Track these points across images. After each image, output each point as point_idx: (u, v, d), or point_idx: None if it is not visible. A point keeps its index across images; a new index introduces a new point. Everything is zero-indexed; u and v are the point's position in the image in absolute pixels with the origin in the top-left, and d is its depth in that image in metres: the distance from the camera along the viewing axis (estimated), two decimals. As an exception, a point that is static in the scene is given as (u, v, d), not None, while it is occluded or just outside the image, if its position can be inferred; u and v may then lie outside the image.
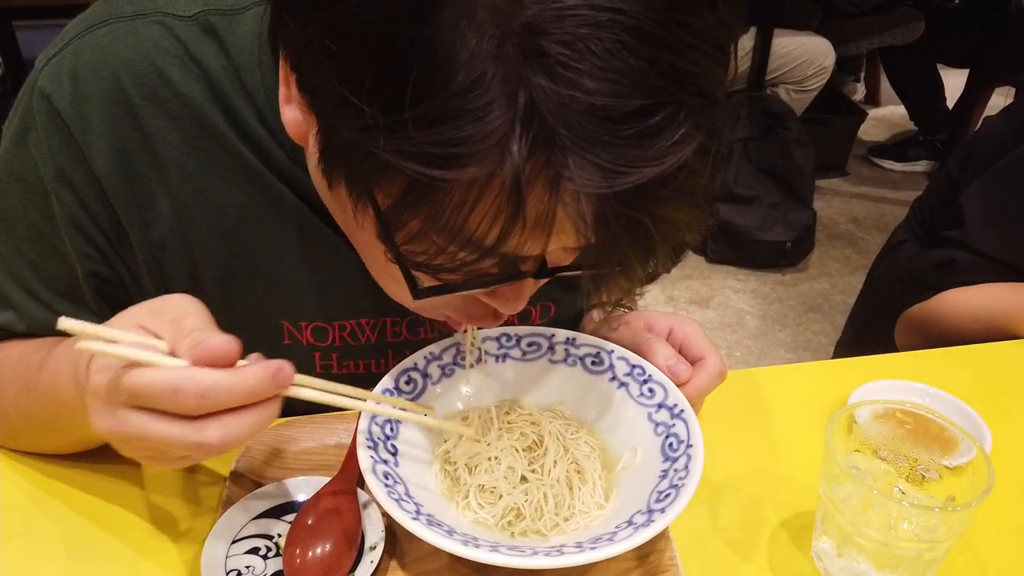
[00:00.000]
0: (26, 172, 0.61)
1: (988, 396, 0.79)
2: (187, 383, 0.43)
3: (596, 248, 0.43)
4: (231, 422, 0.44)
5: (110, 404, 0.45)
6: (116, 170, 0.59)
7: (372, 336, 0.72)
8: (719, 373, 0.68)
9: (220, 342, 0.44)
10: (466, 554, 0.50)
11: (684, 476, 0.57)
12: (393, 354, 0.73)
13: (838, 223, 3.09)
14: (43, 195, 0.61)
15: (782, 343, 2.41)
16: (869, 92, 4.16)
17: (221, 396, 0.43)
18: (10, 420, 0.65)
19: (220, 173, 0.62)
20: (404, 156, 0.39)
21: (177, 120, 0.59)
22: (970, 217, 1.09)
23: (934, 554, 0.57)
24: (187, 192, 0.62)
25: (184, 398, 0.43)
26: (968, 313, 1.05)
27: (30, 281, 0.64)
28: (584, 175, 0.38)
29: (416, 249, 0.44)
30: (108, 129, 0.58)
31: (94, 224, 0.61)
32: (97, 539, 0.62)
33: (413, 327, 0.73)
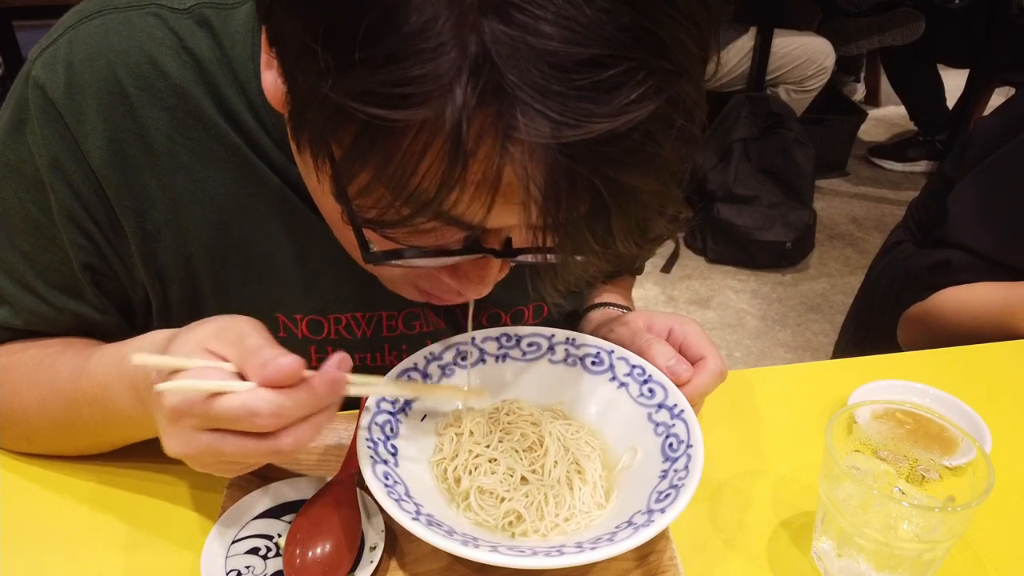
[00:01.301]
0: (21, 163, 0.60)
1: (988, 396, 0.79)
2: (263, 407, 0.45)
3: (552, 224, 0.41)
4: (301, 428, 0.47)
5: (184, 428, 0.47)
6: (110, 160, 0.59)
7: (368, 330, 0.72)
8: (719, 373, 0.68)
9: (287, 363, 0.45)
10: (466, 554, 0.50)
11: (684, 476, 0.57)
12: (389, 348, 0.73)
13: (838, 223, 3.09)
14: (39, 186, 0.61)
15: (782, 343, 2.41)
16: (869, 92, 4.16)
17: (293, 413, 0.46)
18: (30, 425, 0.65)
19: (213, 164, 0.62)
20: (353, 96, 0.39)
21: (171, 111, 0.59)
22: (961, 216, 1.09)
23: (934, 554, 0.57)
24: (180, 182, 0.62)
25: (261, 420, 0.45)
26: (966, 311, 1.05)
27: (25, 274, 0.64)
28: (532, 125, 0.37)
29: (367, 204, 0.44)
30: (102, 119, 0.58)
31: (88, 215, 0.61)
32: (97, 539, 0.62)
33: (408, 321, 0.73)
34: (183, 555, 0.60)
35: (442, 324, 0.75)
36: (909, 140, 3.51)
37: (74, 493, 0.66)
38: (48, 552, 0.61)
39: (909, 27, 3.12)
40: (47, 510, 0.64)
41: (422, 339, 0.74)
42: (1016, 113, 1.14)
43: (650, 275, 2.74)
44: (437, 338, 0.73)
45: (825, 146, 3.20)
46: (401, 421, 0.63)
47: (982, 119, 1.22)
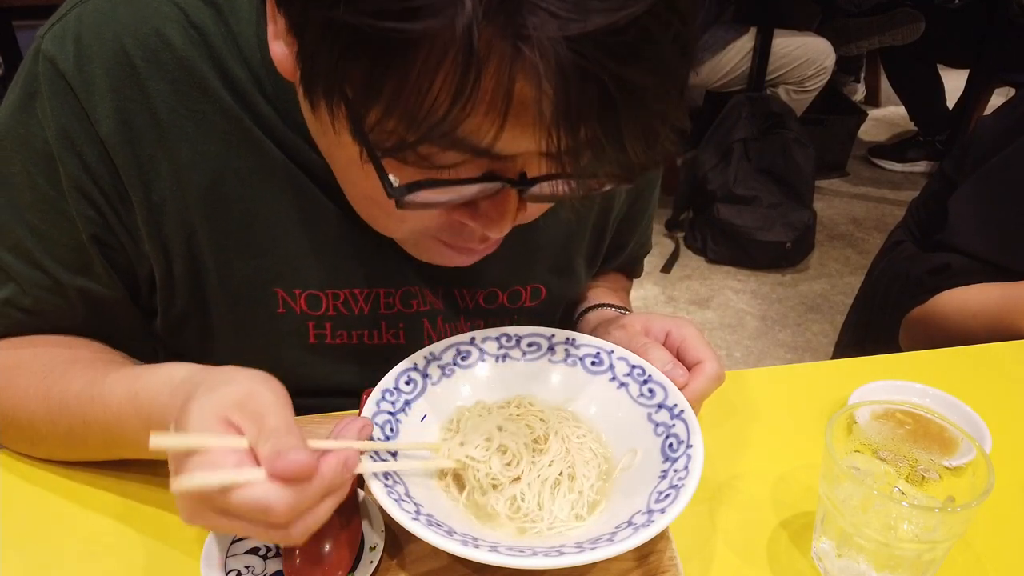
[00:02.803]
0: (31, 137, 0.61)
1: (988, 396, 0.79)
2: (277, 505, 0.45)
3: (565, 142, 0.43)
4: (312, 516, 0.48)
5: (198, 509, 0.47)
6: (118, 130, 0.60)
7: (365, 307, 0.72)
8: (717, 377, 0.68)
9: (300, 461, 0.45)
10: (466, 554, 0.50)
11: (684, 476, 0.57)
12: (386, 326, 0.74)
13: (838, 223, 3.09)
14: (48, 159, 0.61)
15: (782, 343, 2.41)
16: (869, 92, 4.16)
17: (306, 506, 0.47)
18: (36, 433, 0.65)
19: (217, 137, 0.62)
20: (367, 15, 0.40)
21: (176, 84, 0.60)
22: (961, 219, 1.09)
23: (934, 555, 0.57)
24: (185, 154, 0.62)
25: (275, 516, 0.45)
26: (966, 311, 1.05)
27: (33, 251, 0.64)
28: (539, 23, 0.39)
29: (383, 138, 0.45)
30: (111, 90, 0.59)
31: (96, 186, 0.62)
32: (97, 539, 0.62)
33: (406, 299, 0.73)
34: (183, 555, 0.60)
35: (439, 304, 0.75)
36: (909, 140, 3.52)
37: (74, 493, 0.66)
38: (48, 552, 0.61)
39: (909, 27, 3.12)
40: (47, 510, 0.64)
41: (419, 317, 0.74)
42: (1017, 115, 1.14)
43: (650, 275, 2.74)
44: (434, 318, 0.75)
45: (825, 146, 3.20)
46: (401, 421, 0.63)
47: (983, 119, 1.22)
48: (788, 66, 2.83)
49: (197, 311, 0.70)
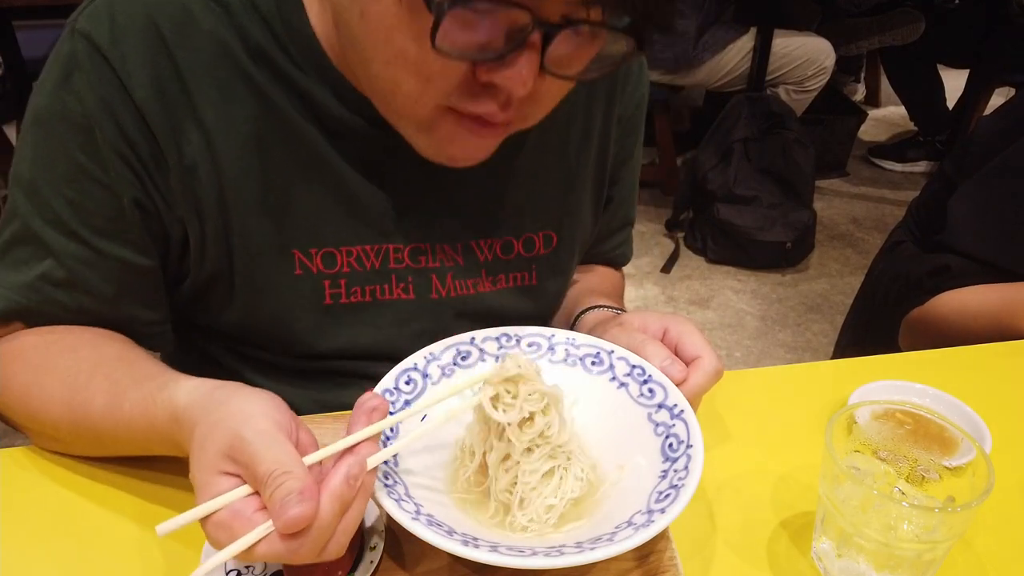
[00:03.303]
0: (68, 111, 0.64)
1: (988, 396, 0.79)
2: (298, 550, 0.47)
3: None
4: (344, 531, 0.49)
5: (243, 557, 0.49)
6: (153, 98, 0.64)
7: (376, 262, 0.75)
8: (715, 372, 0.68)
9: (295, 516, 0.46)
10: (466, 554, 0.50)
11: (684, 476, 0.57)
12: (396, 280, 0.77)
13: (838, 223, 3.09)
14: (86, 131, 0.64)
15: (782, 343, 2.41)
16: (869, 92, 4.16)
17: (327, 536, 0.48)
18: (61, 439, 0.67)
19: (239, 102, 0.66)
20: None
21: (202, 53, 0.65)
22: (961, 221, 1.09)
23: (934, 555, 0.57)
24: (212, 119, 0.66)
25: (302, 556, 0.48)
26: (966, 312, 1.05)
27: (70, 222, 0.67)
28: None
29: None
30: (144, 61, 0.64)
31: (134, 152, 0.65)
32: (97, 539, 0.62)
33: (415, 255, 0.76)
34: (183, 555, 0.60)
35: (460, 260, 0.78)
36: (909, 140, 3.52)
37: (74, 493, 0.66)
38: (48, 552, 0.61)
39: (909, 27, 3.12)
40: (47, 510, 0.64)
41: (427, 273, 0.77)
42: (1016, 115, 1.14)
43: (650, 275, 2.74)
44: (442, 275, 0.78)
45: (825, 146, 3.21)
46: (401, 421, 0.63)
47: (983, 119, 1.23)
48: (788, 66, 2.83)
49: (225, 272, 0.72)
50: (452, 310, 0.79)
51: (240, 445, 0.48)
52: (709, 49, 2.76)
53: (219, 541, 0.48)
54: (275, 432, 0.50)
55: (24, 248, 0.68)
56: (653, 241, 2.94)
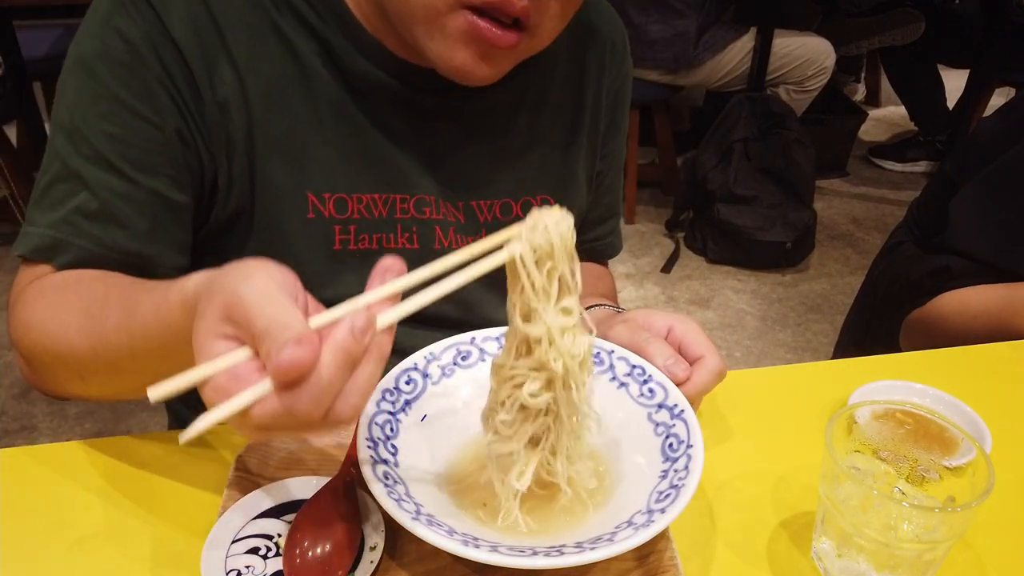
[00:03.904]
0: (111, 50, 0.68)
1: (988, 396, 0.79)
2: (296, 406, 0.43)
3: None
4: (352, 391, 0.45)
5: (244, 431, 0.46)
6: (190, 36, 0.69)
7: (384, 211, 0.78)
8: (718, 372, 0.69)
9: (288, 358, 0.42)
10: (466, 554, 0.50)
11: (684, 476, 0.57)
12: (401, 230, 0.79)
13: (838, 223, 3.09)
14: (129, 68, 0.68)
15: (782, 343, 2.41)
16: (869, 92, 4.16)
17: (329, 392, 0.44)
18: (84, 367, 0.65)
19: (267, 47, 0.71)
20: None
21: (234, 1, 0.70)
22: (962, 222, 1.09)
23: (934, 555, 0.57)
24: (243, 61, 0.70)
25: (302, 416, 0.43)
26: (966, 312, 1.05)
27: (108, 155, 0.69)
28: None
29: None
30: (180, 2, 0.69)
31: (175, 86, 0.69)
32: (97, 538, 0.62)
33: (419, 206, 0.79)
34: (183, 555, 0.60)
35: (460, 217, 0.81)
36: (909, 140, 3.52)
37: (74, 493, 0.66)
38: (48, 552, 0.61)
39: (909, 27, 3.12)
40: (47, 510, 0.64)
41: (431, 224, 0.80)
42: (1017, 115, 1.14)
43: (650, 275, 2.74)
44: (446, 227, 0.81)
45: (825, 146, 3.20)
46: (401, 421, 0.63)
47: (984, 119, 1.23)
48: (788, 66, 2.83)
49: (246, 211, 0.75)
50: None
51: (237, 303, 0.45)
52: (709, 49, 2.76)
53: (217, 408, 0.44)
54: (275, 291, 0.46)
55: (61, 186, 0.69)
56: (653, 241, 2.94)
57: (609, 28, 0.89)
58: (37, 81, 2.77)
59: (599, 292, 0.95)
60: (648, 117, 3.01)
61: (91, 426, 2.03)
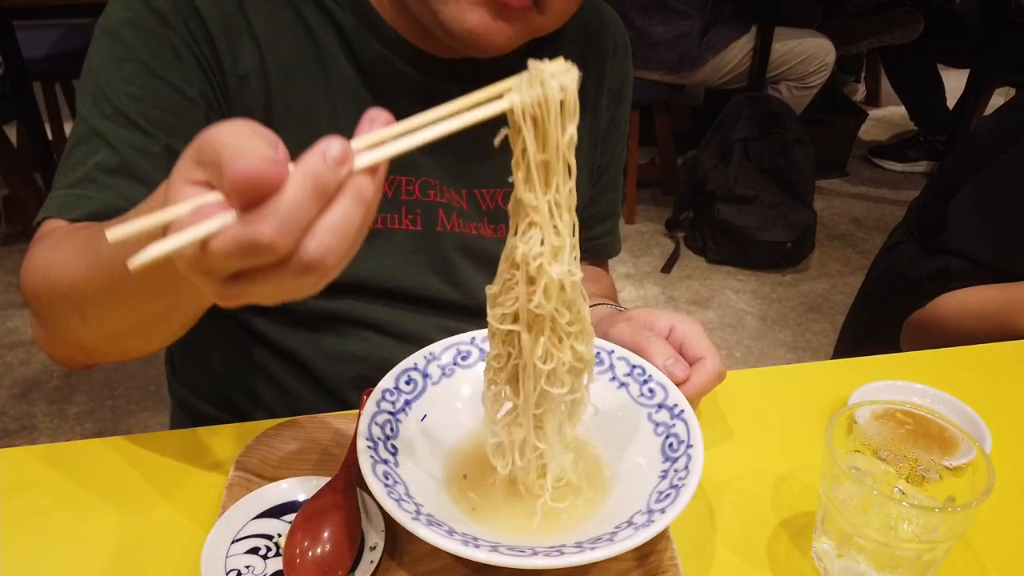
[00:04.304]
0: (138, 17, 0.71)
1: (988, 396, 0.79)
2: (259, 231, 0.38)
3: None
4: (322, 229, 0.40)
5: (205, 282, 0.42)
6: (214, 9, 0.72)
7: (390, 192, 0.80)
8: (718, 374, 0.69)
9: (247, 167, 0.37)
10: (466, 554, 0.50)
11: (684, 476, 0.57)
12: (406, 211, 0.81)
13: (838, 223, 3.09)
14: (155, 34, 0.71)
15: (782, 343, 2.41)
16: (869, 92, 4.16)
17: (295, 220, 0.38)
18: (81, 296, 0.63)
19: (285, 25, 0.74)
20: None
21: None
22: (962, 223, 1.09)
23: (934, 554, 0.57)
24: (263, 35, 0.73)
25: (266, 242, 0.38)
26: (966, 313, 1.05)
27: (128, 112, 0.71)
28: None
29: None
30: None
31: (199, 48, 0.72)
32: (97, 539, 0.62)
33: (424, 188, 0.81)
34: (183, 555, 0.60)
35: (463, 204, 0.83)
36: (909, 140, 3.52)
37: (74, 493, 0.66)
38: (47, 552, 0.61)
39: (909, 27, 3.12)
40: (47, 509, 0.64)
41: (435, 207, 0.81)
42: (1017, 116, 1.14)
43: (650, 275, 2.74)
44: (449, 211, 0.82)
45: (825, 146, 3.20)
46: (401, 421, 0.63)
47: (983, 119, 1.23)
48: (789, 63, 2.84)
49: None
50: (454, 245, 0.83)
51: (206, 144, 0.41)
52: (712, 48, 2.77)
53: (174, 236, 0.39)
54: (247, 130, 0.42)
55: (83, 148, 0.71)
56: (653, 241, 2.94)
57: (611, 30, 0.90)
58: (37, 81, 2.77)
59: (600, 293, 0.95)
60: (648, 117, 3.01)
61: (91, 426, 2.03)
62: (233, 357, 0.86)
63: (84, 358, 0.72)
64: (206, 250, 0.39)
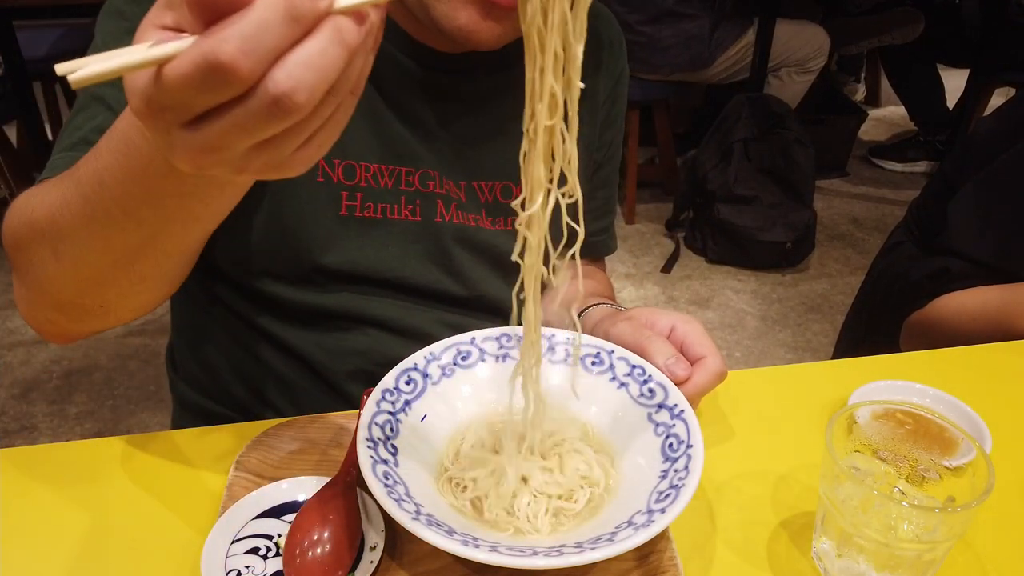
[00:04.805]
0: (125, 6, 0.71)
1: (988, 396, 0.79)
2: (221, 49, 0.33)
3: None
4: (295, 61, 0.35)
5: (167, 129, 0.38)
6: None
7: (389, 182, 0.80)
8: (719, 373, 0.69)
9: None
10: (466, 554, 0.50)
11: (684, 476, 0.57)
12: (405, 201, 0.81)
13: (838, 223, 3.09)
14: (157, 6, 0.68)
15: (782, 343, 2.41)
16: (869, 92, 4.16)
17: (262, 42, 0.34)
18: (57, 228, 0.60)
19: None
20: None
21: None
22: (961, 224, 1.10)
23: (934, 555, 0.57)
24: None
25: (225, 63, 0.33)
26: (965, 314, 1.05)
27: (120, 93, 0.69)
28: None
29: None
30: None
31: None
32: (97, 538, 0.62)
33: (424, 179, 0.81)
34: (183, 555, 0.60)
35: (461, 196, 0.83)
36: (909, 140, 3.52)
37: (74, 492, 0.66)
38: (47, 551, 0.61)
39: (909, 27, 3.13)
40: (47, 509, 0.64)
41: (434, 198, 0.82)
42: (1017, 116, 1.14)
43: (650, 275, 2.74)
44: (447, 203, 0.83)
45: (825, 146, 3.20)
46: (401, 421, 0.63)
47: (983, 119, 1.23)
48: (788, 51, 2.87)
49: None
50: (453, 236, 0.84)
51: None
52: (720, 46, 2.79)
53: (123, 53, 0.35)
54: None
55: (82, 114, 0.71)
56: (653, 241, 2.94)
57: (607, 29, 0.91)
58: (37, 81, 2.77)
59: (597, 292, 0.95)
60: (648, 117, 3.01)
61: (91, 426, 2.03)
62: (234, 352, 0.86)
63: (64, 321, 0.68)
64: (160, 80, 0.35)
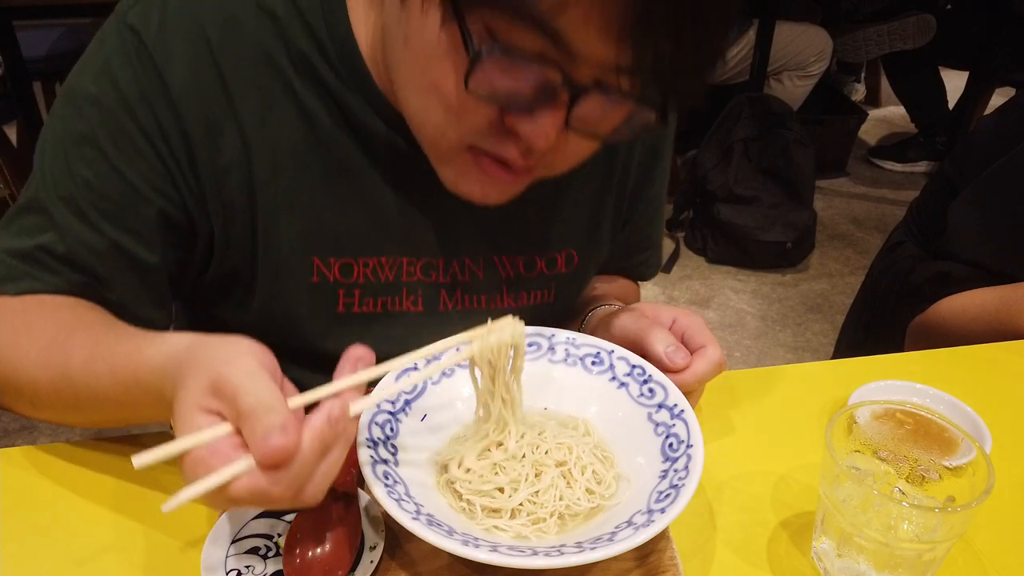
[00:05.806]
0: (105, 99, 0.65)
1: (988, 396, 0.79)
2: (272, 489, 0.46)
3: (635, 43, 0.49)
4: (322, 474, 0.48)
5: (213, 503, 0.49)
6: (191, 95, 0.65)
7: (390, 274, 0.77)
8: (718, 363, 0.69)
9: (275, 447, 0.45)
10: (466, 554, 0.50)
11: (684, 476, 0.57)
12: (407, 292, 0.78)
13: (838, 224, 3.09)
14: (118, 122, 0.65)
15: (782, 343, 2.41)
16: (869, 92, 4.15)
17: (304, 475, 0.47)
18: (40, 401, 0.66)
19: (278, 108, 0.68)
20: None
21: (245, 60, 0.66)
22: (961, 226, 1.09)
23: (934, 554, 0.57)
24: (250, 123, 0.67)
25: (277, 497, 0.47)
26: (965, 315, 1.05)
27: (80, 200, 0.67)
28: None
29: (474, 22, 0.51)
30: (187, 59, 0.65)
31: (167, 145, 0.66)
32: (97, 539, 0.62)
33: (427, 269, 0.78)
34: (183, 555, 0.60)
35: (465, 276, 0.79)
36: (909, 140, 3.51)
37: (74, 493, 0.66)
38: (47, 551, 0.61)
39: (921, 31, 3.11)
40: (47, 509, 0.64)
41: (437, 287, 0.79)
42: (1017, 115, 1.14)
43: (650, 275, 2.74)
44: (452, 289, 0.80)
45: (825, 146, 3.20)
46: (401, 421, 0.63)
47: (983, 119, 1.22)
48: (790, 54, 2.86)
49: (246, 270, 0.73)
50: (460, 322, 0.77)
51: (223, 381, 0.47)
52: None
53: (197, 480, 0.46)
54: (259, 370, 0.49)
55: (31, 216, 0.68)
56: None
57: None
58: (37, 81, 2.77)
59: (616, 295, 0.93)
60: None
61: (91, 426, 2.03)
62: None
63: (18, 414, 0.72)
64: (224, 489, 0.46)
